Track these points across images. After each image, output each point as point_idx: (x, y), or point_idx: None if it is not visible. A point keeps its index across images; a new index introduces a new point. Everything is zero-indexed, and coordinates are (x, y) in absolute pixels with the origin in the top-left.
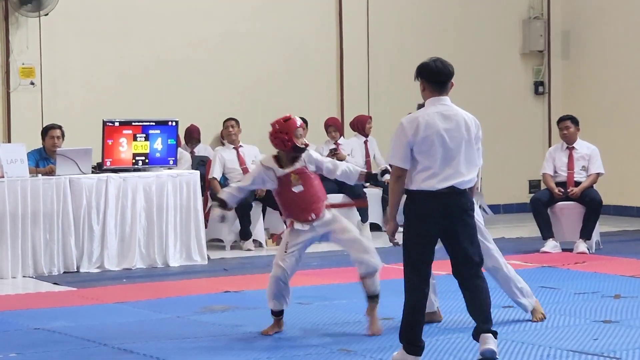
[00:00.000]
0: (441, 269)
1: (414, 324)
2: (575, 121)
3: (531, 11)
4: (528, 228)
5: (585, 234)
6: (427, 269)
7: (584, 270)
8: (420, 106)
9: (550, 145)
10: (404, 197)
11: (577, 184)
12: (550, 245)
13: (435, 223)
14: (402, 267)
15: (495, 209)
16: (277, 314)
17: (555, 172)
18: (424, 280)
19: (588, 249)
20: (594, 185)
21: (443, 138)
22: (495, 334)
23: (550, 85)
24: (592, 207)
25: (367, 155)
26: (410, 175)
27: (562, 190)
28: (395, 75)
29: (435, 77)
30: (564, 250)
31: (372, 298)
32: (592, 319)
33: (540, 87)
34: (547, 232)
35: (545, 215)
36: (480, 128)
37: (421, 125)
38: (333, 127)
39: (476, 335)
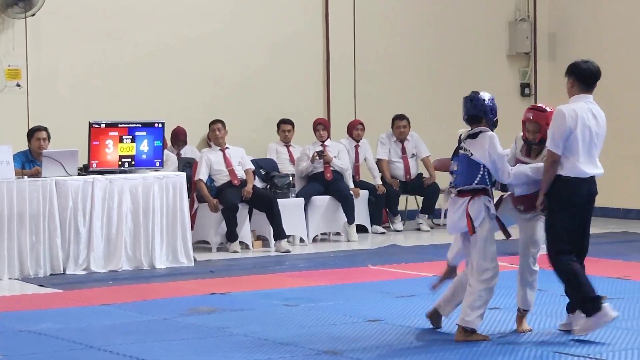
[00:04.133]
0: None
1: (581, 286)
2: None
3: (517, 13)
4: (514, 230)
5: None
6: (576, 245)
7: None
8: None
9: None
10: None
11: None
12: None
13: (582, 207)
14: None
15: None
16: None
17: None
18: (573, 253)
19: None
20: None
21: (591, 132)
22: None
23: (536, 87)
24: None
25: (357, 159)
26: (561, 162)
27: None
28: (382, 76)
29: (587, 79)
30: None
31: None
32: None
33: (526, 89)
34: None
35: None
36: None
37: (579, 117)
38: (322, 125)
39: (569, 309)
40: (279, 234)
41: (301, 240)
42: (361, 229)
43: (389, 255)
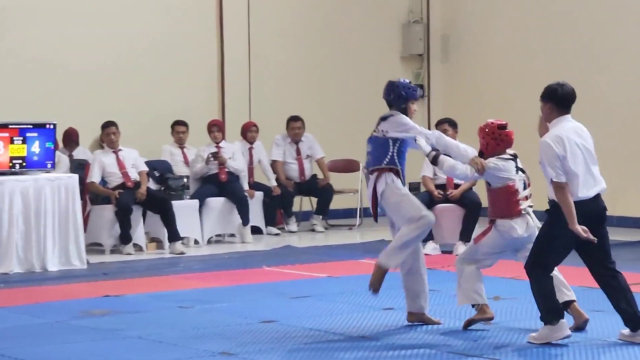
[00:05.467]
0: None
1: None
2: (453, 124)
3: (411, 15)
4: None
5: (465, 236)
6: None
7: None
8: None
9: None
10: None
11: (457, 186)
12: (430, 248)
13: (592, 225)
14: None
15: None
16: None
17: (435, 174)
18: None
19: None
20: (473, 188)
21: (582, 149)
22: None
23: (430, 89)
24: (472, 209)
25: (251, 162)
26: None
27: (442, 192)
28: (277, 77)
29: (564, 102)
30: (443, 252)
31: None
32: None
33: (419, 90)
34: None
35: None
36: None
37: (565, 140)
38: (217, 127)
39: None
40: (174, 236)
41: (196, 242)
42: (256, 230)
43: (283, 256)
